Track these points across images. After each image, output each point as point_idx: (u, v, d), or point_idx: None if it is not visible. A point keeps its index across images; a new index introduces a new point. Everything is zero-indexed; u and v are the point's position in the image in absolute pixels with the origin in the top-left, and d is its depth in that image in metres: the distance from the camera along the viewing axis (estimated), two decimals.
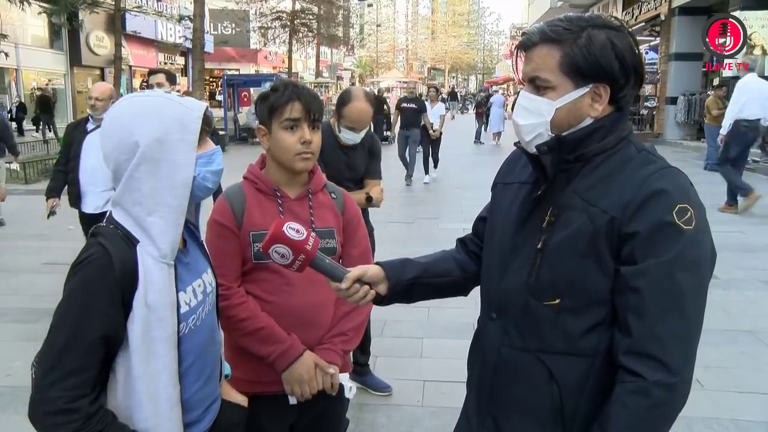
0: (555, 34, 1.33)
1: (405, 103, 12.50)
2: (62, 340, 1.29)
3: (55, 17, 18.74)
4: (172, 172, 1.37)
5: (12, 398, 3.66)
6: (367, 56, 73.26)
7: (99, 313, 1.31)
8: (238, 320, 1.90)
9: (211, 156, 1.46)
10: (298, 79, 27.74)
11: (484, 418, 1.49)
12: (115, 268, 1.32)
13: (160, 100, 1.41)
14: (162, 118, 1.37)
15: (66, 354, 1.29)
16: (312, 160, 1.98)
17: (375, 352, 4.29)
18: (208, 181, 1.45)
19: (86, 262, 1.33)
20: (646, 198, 1.26)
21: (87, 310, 1.30)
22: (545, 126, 1.36)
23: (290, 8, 31.82)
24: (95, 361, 1.32)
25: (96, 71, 24.94)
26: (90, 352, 1.31)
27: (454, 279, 1.67)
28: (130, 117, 1.38)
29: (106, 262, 1.32)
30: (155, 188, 1.37)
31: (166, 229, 1.38)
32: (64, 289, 1.35)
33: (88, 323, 1.30)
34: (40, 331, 1.44)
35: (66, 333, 1.30)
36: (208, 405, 1.59)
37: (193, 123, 1.40)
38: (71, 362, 1.29)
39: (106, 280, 1.31)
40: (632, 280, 1.26)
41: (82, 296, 1.31)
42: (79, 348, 1.29)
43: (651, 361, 1.23)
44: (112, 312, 1.33)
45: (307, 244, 1.48)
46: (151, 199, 1.37)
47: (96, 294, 1.31)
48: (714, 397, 3.66)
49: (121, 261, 1.34)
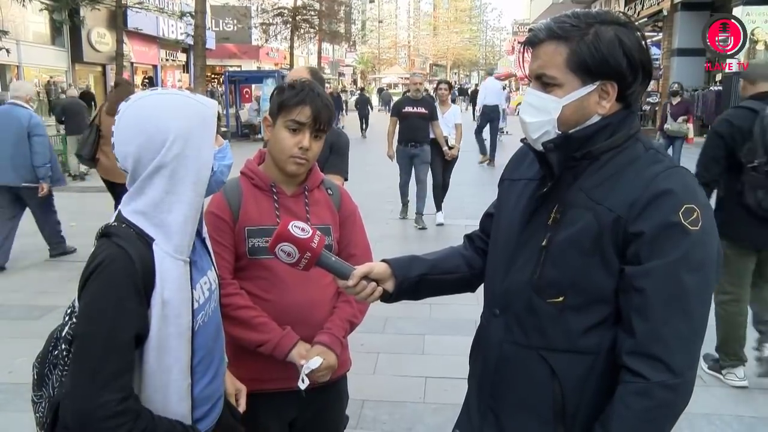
0: (562, 30, 1.31)
1: (409, 106, 8.09)
2: (101, 344, 1.29)
3: (56, 14, 18.72)
4: (196, 167, 1.39)
5: (14, 395, 3.67)
6: (369, 52, 73.13)
7: (131, 312, 1.32)
8: (235, 308, 1.90)
9: (224, 150, 1.50)
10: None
11: (485, 414, 1.49)
12: (136, 268, 1.33)
13: (180, 98, 1.42)
14: (187, 114, 1.39)
15: (107, 357, 1.29)
16: (305, 166, 1.97)
17: (377, 348, 4.30)
18: (224, 175, 1.48)
19: (106, 264, 1.33)
20: (652, 198, 1.25)
21: (120, 311, 1.31)
22: (552, 124, 1.34)
23: (292, 4, 31.75)
24: (132, 360, 1.33)
25: (98, 68, 24.93)
26: (128, 351, 1.32)
27: (461, 276, 1.67)
28: (157, 115, 1.37)
29: (127, 262, 1.32)
30: (178, 184, 1.37)
31: (184, 225, 1.39)
32: (84, 292, 1.34)
33: (122, 324, 1.31)
34: (42, 328, 1.44)
35: (103, 336, 1.30)
36: (215, 401, 1.60)
37: (212, 119, 1.43)
38: (113, 364, 1.29)
39: (132, 279, 1.32)
40: (637, 281, 1.25)
41: (112, 298, 1.31)
42: (119, 349, 1.30)
43: (654, 362, 1.23)
44: (141, 311, 1.34)
45: (312, 242, 1.49)
46: (173, 195, 1.37)
47: (125, 294, 1.32)
48: (716, 393, 3.66)
49: (141, 260, 1.34)
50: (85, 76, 24.24)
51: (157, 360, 1.37)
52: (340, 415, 2.27)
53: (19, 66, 21.19)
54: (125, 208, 1.42)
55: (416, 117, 8.05)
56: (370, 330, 4.31)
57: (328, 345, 1.95)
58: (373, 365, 4.11)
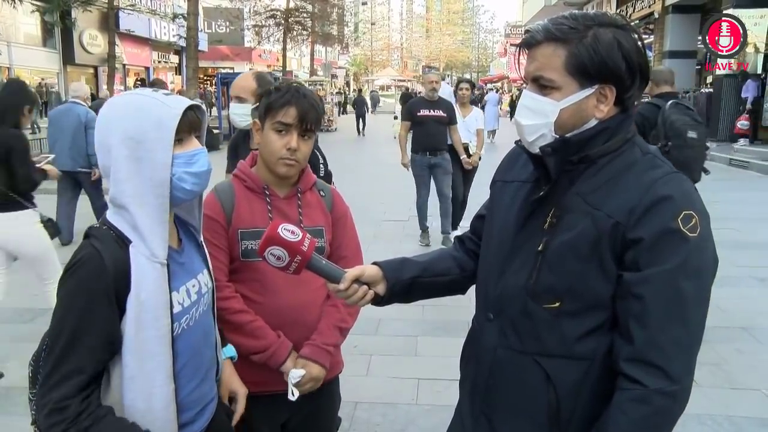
0: (560, 32, 1.29)
1: (425, 109, 7.04)
2: (62, 344, 1.30)
3: (48, 15, 18.65)
4: (152, 170, 1.37)
5: (4, 399, 3.63)
6: (361, 54, 73.21)
7: (98, 314, 1.32)
8: (230, 312, 1.90)
9: (192, 156, 1.43)
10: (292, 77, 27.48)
11: (478, 419, 1.48)
12: (108, 270, 1.32)
13: (141, 99, 1.40)
14: (140, 117, 1.37)
15: (65, 357, 1.29)
16: (296, 167, 1.97)
17: (370, 350, 4.29)
18: (186, 183, 1.42)
19: (79, 265, 1.34)
20: (651, 204, 1.24)
21: (84, 312, 1.31)
22: (549, 127, 1.33)
23: (284, 6, 31.75)
24: (95, 362, 1.33)
25: (89, 70, 24.85)
26: (88, 354, 1.31)
27: (452, 278, 1.65)
28: (109, 117, 1.39)
29: (98, 263, 1.32)
30: (137, 187, 1.37)
31: (153, 228, 1.38)
32: (57, 292, 1.36)
33: (86, 326, 1.30)
34: (34, 331, 1.44)
35: (66, 336, 1.30)
36: (204, 406, 1.58)
37: (171, 121, 1.37)
38: (70, 365, 1.29)
39: (102, 281, 1.32)
40: (636, 287, 1.24)
41: (79, 299, 1.31)
42: (78, 351, 1.30)
43: (652, 369, 1.22)
44: (110, 313, 1.33)
45: (302, 246, 1.47)
46: (138, 198, 1.37)
47: (93, 296, 1.31)
48: (708, 394, 3.67)
49: (114, 262, 1.34)
50: (76, 78, 24.13)
51: (138, 365, 1.36)
52: (333, 417, 2.26)
53: (10, 68, 21.09)
54: (109, 210, 1.43)
55: (434, 121, 6.97)
56: (363, 332, 4.30)
57: (308, 357, 1.95)
58: (365, 367, 4.10)
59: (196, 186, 1.45)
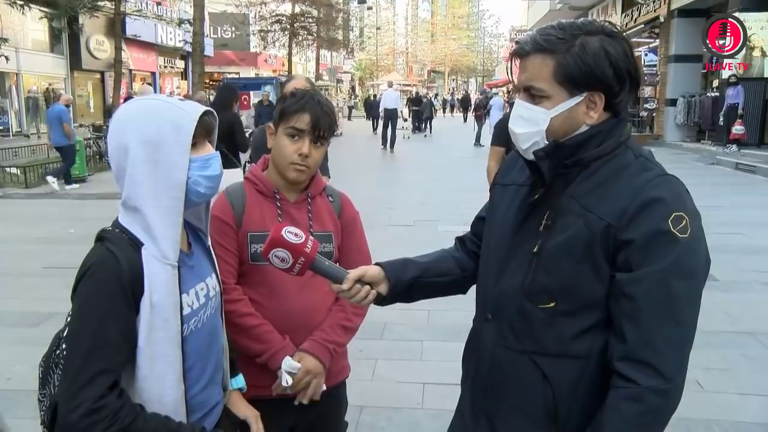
0: (547, 43, 1.33)
1: None
2: (86, 344, 1.32)
3: (55, 21, 18.77)
4: (168, 173, 1.39)
5: (12, 402, 3.65)
6: (366, 59, 73.30)
7: (118, 314, 1.34)
8: (238, 315, 1.90)
9: (207, 161, 1.47)
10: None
11: (479, 417, 1.51)
12: (124, 272, 1.35)
13: (157, 103, 1.43)
14: (157, 120, 1.40)
15: (91, 357, 1.31)
16: (306, 173, 1.98)
17: (375, 354, 4.30)
18: (201, 186, 1.45)
19: (95, 267, 1.36)
20: (642, 206, 1.27)
21: (107, 312, 1.33)
22: (541, 135, 1.36)
23: (290, 11, 31.88)
24: (120, 361, 1.35)
25: (96, 75, 24.98)
26: (114, 352, 1.34)
27: (453, 278, 1.68)
28: (126, 120, 1.41)
29: (116, 265, 1.35)
30: (153, 189, 1.39)
31: (166, 230, 1.40)
32: (74, 295, 1.38)
33: (109, 325, 1.33)
34: (40, 335, 1.45)
35: (89, 337, 1.32)
36: (209, 409, 1.60)
37: (189, 125, 1.41)
38: (97, 364, 1.31)
39: (120, 282, 1.34)
40: (627, 288, 1.27)
41: (100, 300, 1.34)
42: (104, 350, 1.32)
43: (645, 368, 1.25)
44: (129, 313, 1.36)
45: (306, 247, 1.50)
46: (153, 200, 1.39)
47: (113, 297, 1.34)
48: (715, 399, 3.66)
49: (129, 265, 1.36)
50: (83, 83, 24.29)
51: (149, 366, 1.39)
52: (340, 421, 2.26)
53: (18, 73, 21.24)
54: (120, 213, 1.44)
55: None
56: (369, 336, 4.30)
57: (305, 349, 1.95)
58: (371, 371, 4.10)
59: (209, 189, 1.48)
